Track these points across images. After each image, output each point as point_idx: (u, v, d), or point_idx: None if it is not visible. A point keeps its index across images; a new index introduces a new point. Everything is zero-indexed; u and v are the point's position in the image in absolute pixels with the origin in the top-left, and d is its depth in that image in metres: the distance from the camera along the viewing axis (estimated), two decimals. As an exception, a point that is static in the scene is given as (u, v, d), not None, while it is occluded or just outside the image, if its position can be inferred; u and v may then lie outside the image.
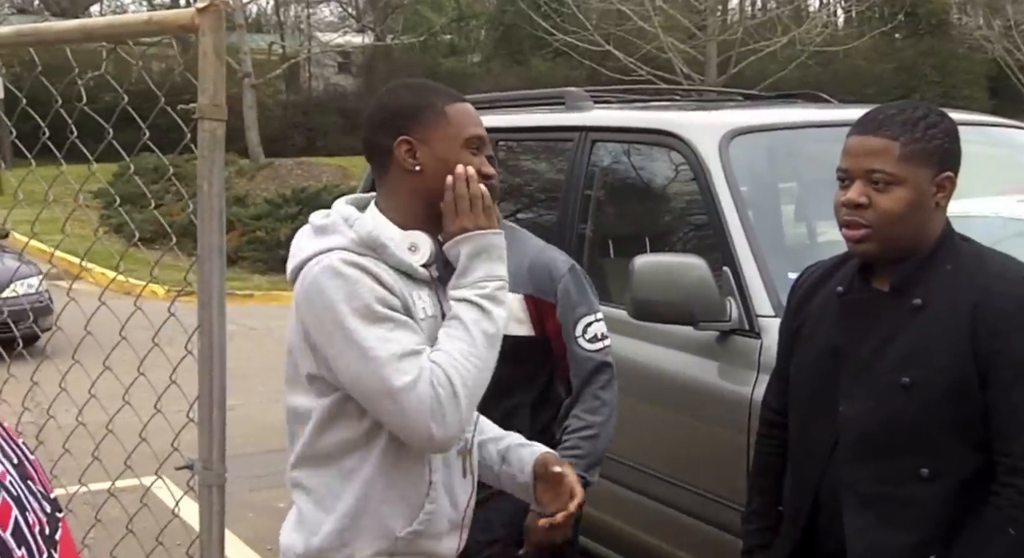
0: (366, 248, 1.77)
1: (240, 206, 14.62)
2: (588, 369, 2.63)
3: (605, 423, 2.63)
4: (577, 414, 2.64)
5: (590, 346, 2.63)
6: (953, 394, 1.89)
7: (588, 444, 2.61)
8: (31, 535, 0.86)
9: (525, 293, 2.62)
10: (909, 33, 29.07)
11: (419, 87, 1.93)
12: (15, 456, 0.92)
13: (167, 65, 21.93)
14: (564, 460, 2.48)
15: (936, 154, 1.94)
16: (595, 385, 2.63)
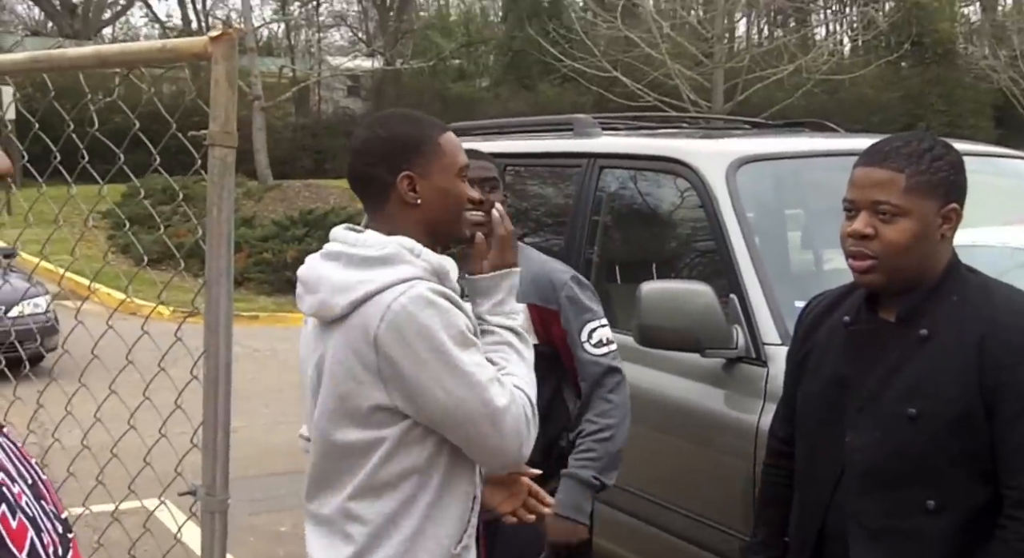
0: (436, 277, 1.81)
1: (247, 227, 14.65)
2: (597, 374, 2.65)
3: (618, 425, 2.64)
4: (589, 418, 2.65)
5: (596, 351, 2.66)
6: (959, 426, 1.88)
7: (602, 446, 2.61)
8: (46, 556, 0.86)
9: (529, 302, 2.62)
10: (915, 62, 29.17)
11: (414, 119, 1.93)
12: (29, 476, 0.93)
13: (178, 87, 22.08)
14: (581, 464, 2.56)
15: (942, 186, 1.94)
16: (604, 388, 2.65)
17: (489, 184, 2.68)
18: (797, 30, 25.11)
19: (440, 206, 1.86)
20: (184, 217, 13.37)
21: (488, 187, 2.68)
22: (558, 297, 2.67)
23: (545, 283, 2.68)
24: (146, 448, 2.22)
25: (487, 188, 2.68)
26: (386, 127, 1.89)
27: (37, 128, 2.09)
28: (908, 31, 25.93)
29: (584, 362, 2.66)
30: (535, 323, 2.64)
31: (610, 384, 2.66)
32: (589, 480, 2.60)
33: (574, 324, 2.66)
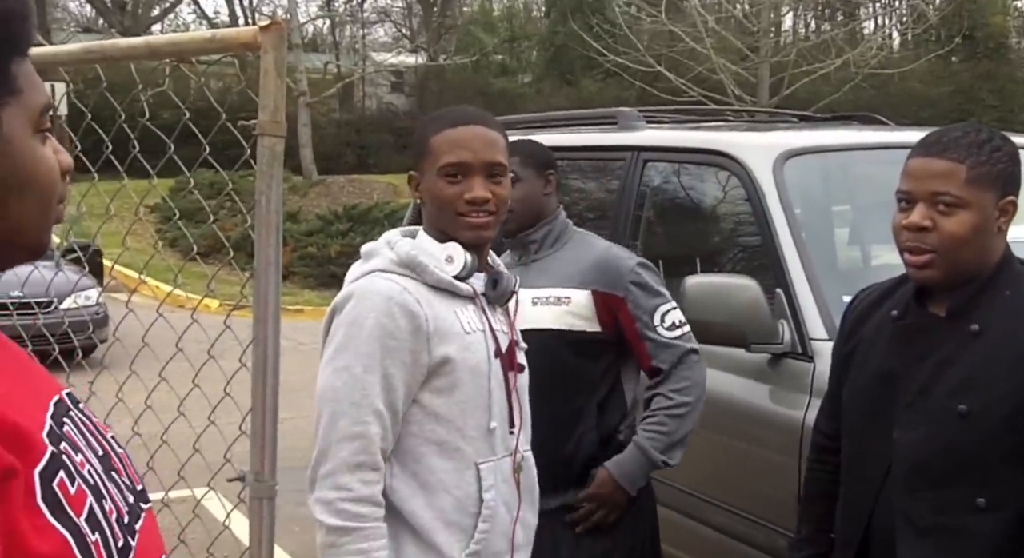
0: (406, 268, 1.84)
1: (292, 222, 14.79)
2: (675, 355, 2.61)
3: (694, 404, 2.61)
4: (664, 393, 2.61)
5: (670, 334, 2.62)
6: (1011, 423, 1.85)
7: (674, 422, 2.59)
8: (107, 522, 0.89)
9: (592, 289, 2.63)
10: (966, 56, 28.70)
11: (429, 120, 1.98)
12: (101, 449, 0.96)
13: (224, 84, 22.33)
14: (651, 437, 2.56)
15: (1001, 178, 1.91)
16: (684, 366, 2.62)
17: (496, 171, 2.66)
18: (845, 23, 24.77)
19: (432, 206, 1.90)
20: (232, 211, 13.53)
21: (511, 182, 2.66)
22: (624, 283, 2.63)
23: (610, 269, 2.65)
24: (196, 437, 2.24)
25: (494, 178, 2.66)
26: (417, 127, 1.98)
27: (90, 119, 2.11)
28: (959, 24, 25.51)
29: (660, 344, 2.62)
30: (600, 310, 2.63)
31: (689, 363, 2.63)
32: (655, 459, 2.57)
33: (645, 309, 2.62)
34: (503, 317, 1.97)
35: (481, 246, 1.93)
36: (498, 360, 1.89)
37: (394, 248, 1.86)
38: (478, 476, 1.84)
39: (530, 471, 1.99)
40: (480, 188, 1.86)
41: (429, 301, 1.82)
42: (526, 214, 2.69)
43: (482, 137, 1.89)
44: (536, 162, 2.72)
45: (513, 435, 1.91)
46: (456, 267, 1.86)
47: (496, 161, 1.90)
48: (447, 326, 1.82)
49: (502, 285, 1.93)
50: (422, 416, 1.83)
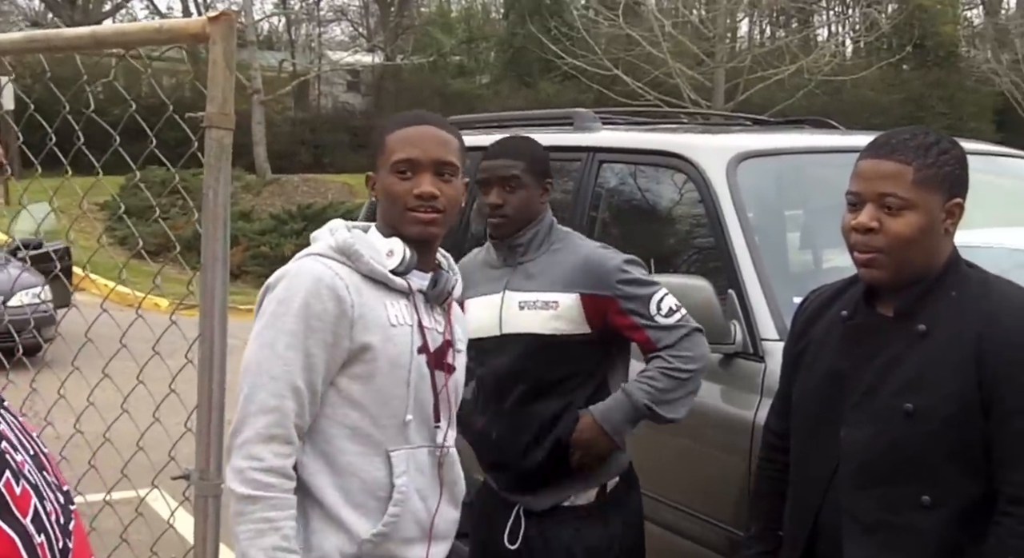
0: (342, 255, 1.90)
1: (245, 221, 14.68)
2: (679, 335, 2.58)
3: (693, 373, 2.58)
4: (663, 356, 2.59)
5: (669, 320, 2.59)
6: (955, 421, 1.87)
7: (667, 380, 2.56)
8: (49, 523, 0.87)
9: (580, 291, 2.61)
10: (917, 65, 29.18)
11: (388, 121, 2.04)
12: (31, 448, 0.94)
13: (177, 80, 22.08)
14: (641, 386, 2.56)
15: (947, 180, 1.93)
16: (688, 340, 2.59)
17: (511, 183, 2.64)
18: (799, 31, 25.08)
19: (384, 202, 1.96)
20: (183, 209, 13.37)
21: (510, 187, 2.64)
22: (612, 283, 2.60)
23: (597, 270, 2.62)
24: (140, 436, 2.20)
25: (508, 187, 2.64)
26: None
27: (33, 111, 2.07)
28: (910, 33, 25.93)
29: (661, 328, 2.59)
30: (588, 312, 2.60)
31: (695, 339, 2.60)
32: (639, 404, 2.54)
33: (639, 301, 2.59)
34: (440, 317, 2.02)
35: (427, 242, 1.98)
36: (423, 356, 1.95)
37: (334, 235, 1.93)
38: (388, 462, 1.90)
39: (453, 466, 2.04)
40: (428, 184, 1.92)
41: (359, 289, 1.88)
42: (521, 219, 2.67)
43: (434, 136, 1.95)
44: (539, 170, 2.69)
45: (439, 429, 1.98)
46: (394, 261, 1.92)
47: (446, 160, 1.95)
48: (373, 315, 1.88)
49: (439, 285, 1.98)
50: (337, 399, 1.89)
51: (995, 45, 24.65)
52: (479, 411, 2.77)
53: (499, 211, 2.65)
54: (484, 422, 2.73)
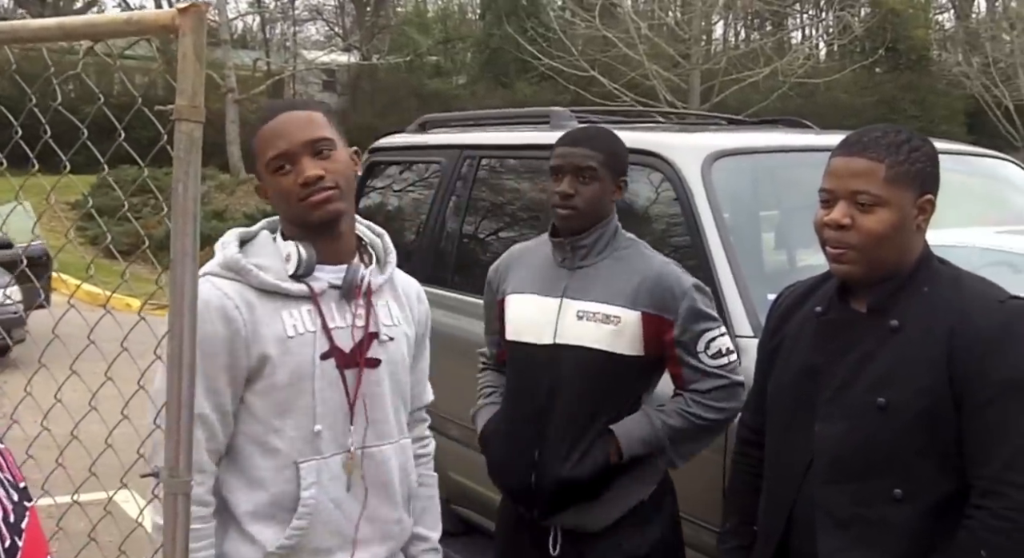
0: (231, 272, 1.87)
1: (219, 220, 14.59)
2: (717, 385, 2.49)
3: (710, 423, 2.49)
4: (687, 397, 2.51)
5: (714, 362, 2.49)
6: (928, 416, 1.89)
7: (681, 421, 2.48)
8: None
9: (643, 310, 2.49)
10: (890, 68, 29.41)
11: (252, 126, 1.99)
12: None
13: (150, 78, 21.91)
14: (669, 427, 2.49)
15: (919, 177, 1.95)
16: (723, 392, 2.50)
17: (586, 174, 2.51)
18: (773, 33, 25.23)
19: (277, 204, 1.92)
20: (155, 209, 13.27)
21: (584, 178, 2.51)
22: (677, 306, 2.48)
23: (665, 290, 2.49)
24: (111, 436, 2.17)
25: (582, 178, 2.51)
26: None
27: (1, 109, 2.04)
28: (883, 37, 26.15)
29: (700, 372, 2.50)
30: (646, 332, 2.48)
31: (733, 393, 2.50)
32: (660, 439, 2.47)
33: (691, 333, 2.49)
34: (360, 309, 1.94)
35: (335, 222, 1.91)
36: (329, 360, 1.89)
37: (224, 251, 1.90)
38: (297, 474, 1.87)
39: (380, 465, 1.97)
40: (310, 168, 1.86)
41: (251, 305, 1.85)
42: (591, 215, 2.53)
43: (295, 120, 1.89)
44: (616, 166, 2.56)
45: (351, 432, 1.92)
46: (291, 266, 1.88)
47: (315, 137, 1.88)
48: (267, 330, 1.85)
49: (346, 280, 1.92)
50: (245, 415, 1.89)
51: (966, 49, 24.90)
52: (514, 423, 2.63)
53: (569, 202, 2.51)
54: (524, 440, 2.58)
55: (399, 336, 2.02)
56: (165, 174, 11.30)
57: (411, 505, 2.10)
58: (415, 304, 2.12)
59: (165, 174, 11.30)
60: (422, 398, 2.21)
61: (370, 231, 2.09)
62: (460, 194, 4.33)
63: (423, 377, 2.20)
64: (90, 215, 13.45)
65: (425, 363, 2.20)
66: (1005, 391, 1.86)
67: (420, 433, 2.23)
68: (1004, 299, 1.93)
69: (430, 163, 4.64)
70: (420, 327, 2.13)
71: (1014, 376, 1.86)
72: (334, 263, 1.94)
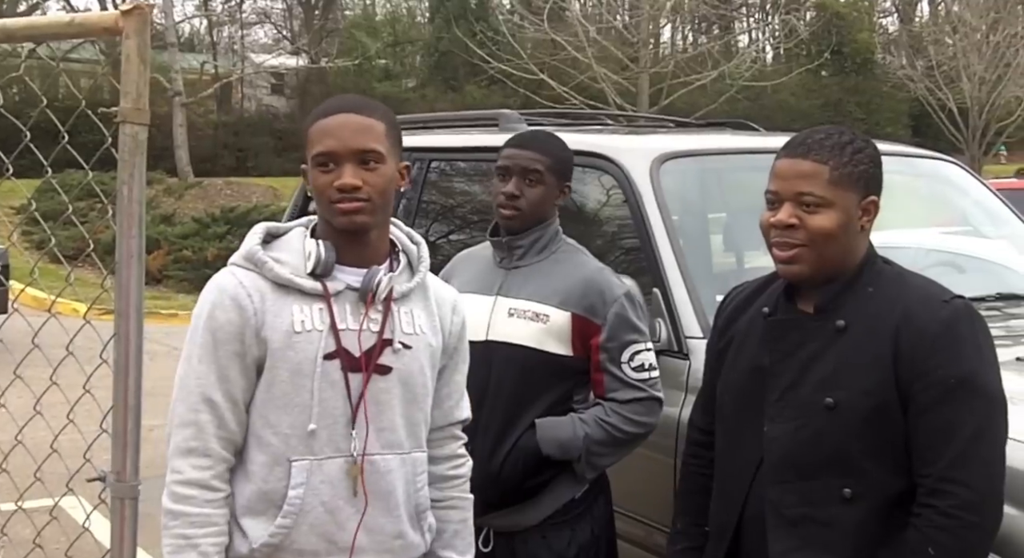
0: (248, 263, 1.87)
1: (167, 225, 14.41)
2: (636, 398, 2.49)
3: (628, 437, 2.48)
4: (606, 406, 2.50)
5: (635, 375, 2.50)
6: (876, 416, 1.90)
7: (599, 431, 2.48)
8: None
9: (573, 312, 2.51)
10: (835, 71, 29.89)
11: (313, 111, 1.96)
12: None
13: (95, 83, 21.61)
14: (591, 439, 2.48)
15: (863, 178, 1.98)
16: (641, 406, 2.51)
17: (532, 177, 2.53)
18: (720, 37, 25.51)
19: (314, 196, 1.91)
20: (102, 213, 13.08)
21: (530, 180, 2.53)
22: (606, 312, 2.50)
23: (596, 295, 2.52)
24: (57, 442, 2.14)
25: (528, 180, 2.54)
26: None
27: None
28: (828, 40, 26.57)
29: (621, 382, 2.51)
30: (575, 334, 2.51)
31: (650, 408, 2.51)
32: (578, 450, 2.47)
33: (617, 342, 2.50)
34: (377, 314, 1.92)
35: (357, 233, 1.90)
36: (334, 361, 1.87)
37: (246, 243, 1.90)
38: (289, 472, 1.85)
39: (382, 475, 1.92)
40: (349, 175, 1.85)
41: (263, 295, 1.85)
42: (533, 217, 2.56)
43: (352, 125, 1.87)
44: (561, 171, 2.59)
45: (354, 437, 1.88)
46: (310, 264, 1.87)
47: (367, 148, 1.87)
48: (276, 323, 1.84)
49: (364, 282, 1.90)
50: (249, 409, 1.88)
51: (910, 52, 25.30)
52: None
53: (514, 202, 2.54)
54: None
55: (420, 346, 1.97)
56: (111, 178, 11.18)
57: (424, 523, 2.02)
58: (447, 314, 2.06)
59: (111, 178, 11.18)
60: (454, 414, 2.11)
61: (408, 238, 2.06)
62: (409, 197, 4.32)
63: (456, 391, 2.11)
64: (35, 219, 13.22)
65: (459, 376, 2.12)
66: (950, 390, 1.87)
67: (451, 452, 2.13)
68: (948, 298, 1.95)
69: (380, 166, 4.62)
70: (451, 338, 2.06)
71: (958, 375, 1.88)
72: (359, 266, 1.93)
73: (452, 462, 2.12)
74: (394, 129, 1.93)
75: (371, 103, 1.95)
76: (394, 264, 1.98)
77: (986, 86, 20.70)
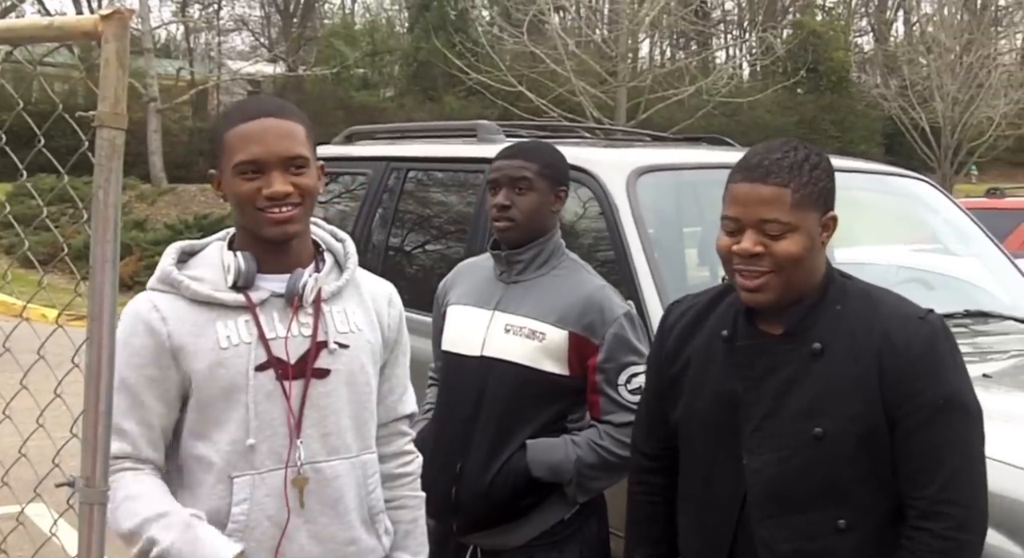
0: (165, 285, 1.84)
1: (139, 231, 14.32)
2: (632, 421, 2.36)
3: (621, 460, 2.40)
4: (601, 429, 2.46)
5: (631, 397, 2.43)
6: (866, 442, 1.85)
7: (592, 455, 2.44)
8: None
9: (571, 330, 2.47)
10: (811, 88, 30.14)
11: (224, 114, 1.93)
12: None
13: (71, 87, 21.47)
14: (583, 464, 2.44)
15: (822, 196, 1.92)
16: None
17: (521, 185, 2.50)
18: (698, 53, 25.63)
19: (234, 205, 1.85)
20: (74, 218, 12.98)
21: (520, 189, 2.50)
22: (605, 332, 2.46)
23: (595, 314, 2.47)
24: (25, 447, 2.12)
25: (518, 189, 2.50)
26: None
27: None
28: (804, 58, 26.80)
29: (617, 404, 2.46)
30: (572, 353, 2.46)
31: None
32: (568, 473, 2.43)
33: (615, 363, 2.46)
34: (308, 318, 1.87)
35: (288, 241, 1.86)
36: (267, 372, 1.82)
37: (160, 265, 1.87)
38: (231, 489, 1.82)
39: (330, 482, 1.88)
40: (279, 182, 1.80)
41: (182, 317, 1.82)
42: (529, 227, 2.52)
43: (276, 130, 1.81)
44: (553, 175, 2.55)
45: (297, 446, 1.84)
46: (230, 277, 1.84)
47: (294, 154, 1.81)
48: (199, 342, 1.81)
49: (288, 287, 1.86)
50: (183, 431, 1.85)
51: (884, 71, 25.60)
52: (441, 436, 2.60)
53: (506, 213, 2.50)
54: (450, 452, 2.55)
55: (358, 343, 1.92)
56: (85, 183, 11.13)
57: (379, 526, 1.98)
58: (384, 308, 2.01)
59: (85, 183, 11.13)
60: (398, 409, 2.07)
61: (332, 236, 2.01)
62: (386, 206, 4.32)
63: (399, 386, 2.06)
64: (7, 223, 13.09)
65: (401, 370, 2.07)
66: (939, 411, 1.83)
67: (398, 449, 2.08)
68: (923, 315, 1.90)
69: (356, 175, 4.63)
70: (390, 332, 2.01)
71: (944, 395, 1.84)
72: (283, 273, 1.87)
73: (400, 460, 2.08)
74: (311, 130, 1.89)
75: (287, 105, 1.90)
76: (320, 265, 1.94)
77: (959, 106, 20.95)
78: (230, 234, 1.94)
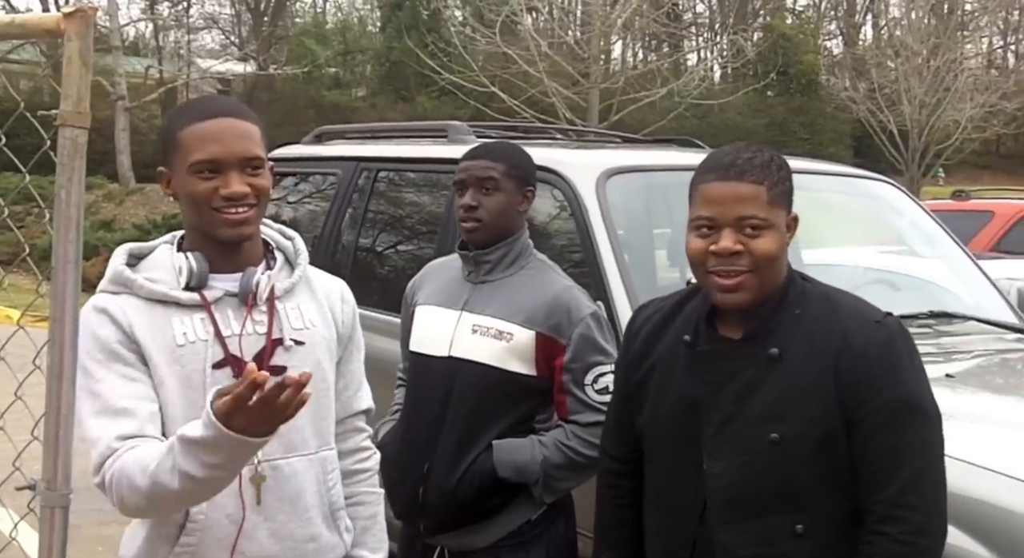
0: (118, 286, 1.82)
1: (107, 231, 14.20)
2: (598, 421, 2.38)
3: (588, 461, 2.40)
4: (568, 429, 2.46)
5: (598, 398, 2.43)
6: (824, 446, 1.85)
7: (559, 455, 2.44)
8: None
9: (538, 330, 2.47)
10: (781, 91, 30.33)
11: (175, 112, 1.91)
12: None
13: (35, 84, 21.26)
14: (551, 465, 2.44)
15: (788, 195, 1.94)
16: (600, 429, 2.38)
17: (487, 185, 2.50)
18: (670, 55, 25.74)
19: (187, 205, 1.84)
20: (37, 218, 12.85)
21: (486, 189, 2.50)
22: (572, 332, 2.46)
23: (562, 314, 2.47)
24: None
25: (484, 189, 2.51)
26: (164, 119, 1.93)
27: None
28: (774, 61, 26.98)
29: (584, 404, 2.46)
30: (539, 354, 2.47)
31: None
32: (535, 474, 2.43)
33: (581, 363, 2.46)
34: (262, 316, 1.87)
35: (243, 242, 1.86)
36: (223, 370, 1.81)
37: (111, 266, 1.84)
38: None
39: (288, 479, 1.87)
40: (237, 183, 1.79)
41: (139, 313, 1.80)
42: (496, 227, 2.52)
43: (233, 130, 1.80)
44: (519, 174, 2.54)
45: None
46: (183, 278, 1.82)
47: (252, 155, 1.81)
48: (156, 338, 1.79)
49: (241, 286, 1.85)
50: None
51: (853, 75, 25.83)
52: (409, 435, 2.59)
53: (473, 213, 2.51)
54: (416, 453, 2.55)
55: (314, 340, 1.92)
56: (50, 182, 11.03)
57: (341, 522, 1.97)
58: (337, 303, 2.01)
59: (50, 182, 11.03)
60: (354, 404, 2.05)
61: (281, 235, 2.01)
62: (356, 206, 4.31)
63: (354, 381, 2.06)
64: (-31, 223, 12.95)
65: (356, 366, 2.06)
66: (896, 414, 1.83)
67: (355, 445, 2.07)
68: (880, 318, 1.90)
69: (326, 175, 4.61)
70: (345, 328, 2.01)
71: (901, 397, 1.85)
72: (234, 271, 1.87)
73: (357, 456, 2.08)
74: (264, 131, 1.89)
75: (242, 105, 1.91)
76: (271, 263, 1.94)
77: (926, 109, 21.18)
78: (177, 237, 1.94)
